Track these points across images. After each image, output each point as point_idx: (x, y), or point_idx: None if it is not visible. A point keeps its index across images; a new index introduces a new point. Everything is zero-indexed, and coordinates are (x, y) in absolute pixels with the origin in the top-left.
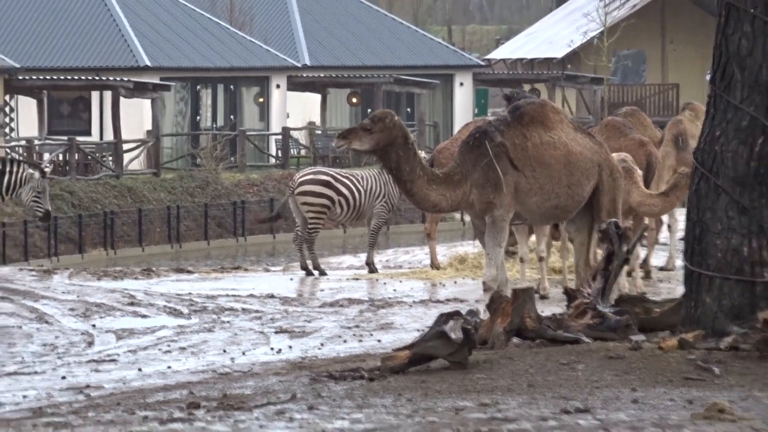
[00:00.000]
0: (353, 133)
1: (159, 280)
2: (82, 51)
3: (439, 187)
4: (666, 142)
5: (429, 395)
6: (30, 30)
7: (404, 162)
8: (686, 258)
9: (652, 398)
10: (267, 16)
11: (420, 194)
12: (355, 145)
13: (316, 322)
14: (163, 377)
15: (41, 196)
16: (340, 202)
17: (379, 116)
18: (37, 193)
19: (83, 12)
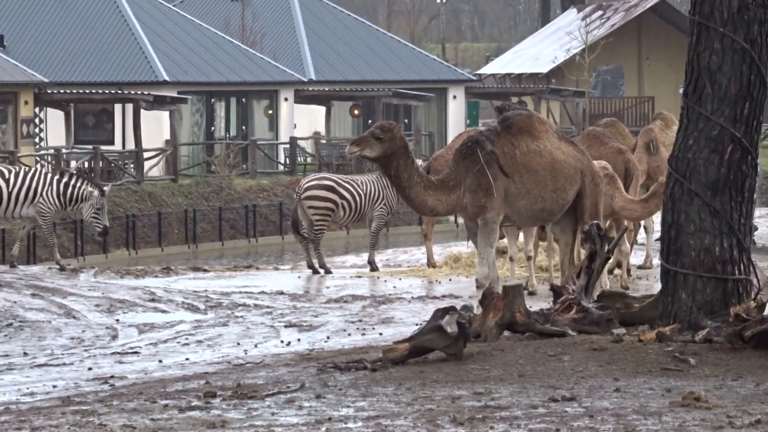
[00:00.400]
0: (365, 141)
1: (177, 278)
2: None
3: (435, 192)
4: (639, 149)
5: (427, 385)
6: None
7: (403, 170)
8: (662, 257)
9: (633, 387)
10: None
11: (418, 199)
12: (366, 152)
13: (323, 317)
14: (181, 368)
15: (100, 213)
16: (343, 205)
17: (388, 127)
18: (96, 210)
19: (107, 31)
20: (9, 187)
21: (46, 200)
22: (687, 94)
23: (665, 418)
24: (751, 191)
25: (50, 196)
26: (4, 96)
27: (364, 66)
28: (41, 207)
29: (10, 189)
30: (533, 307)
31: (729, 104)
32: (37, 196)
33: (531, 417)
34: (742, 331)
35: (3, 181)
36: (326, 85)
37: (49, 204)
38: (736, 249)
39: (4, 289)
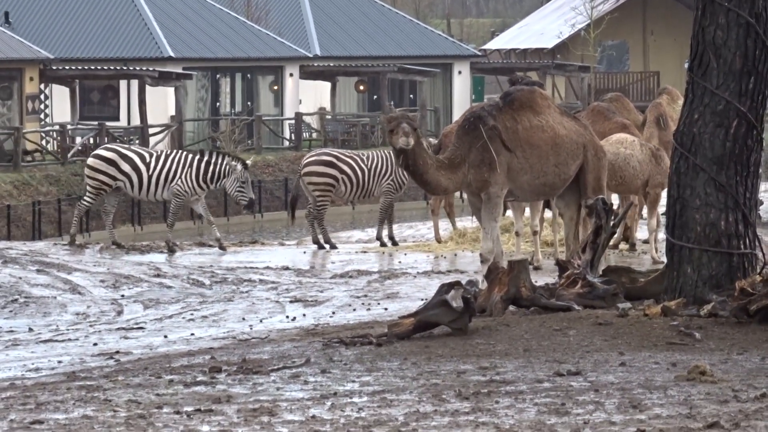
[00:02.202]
0: (409, 133)
1: (182, 253)
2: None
3: (446, 171)
4: (649, 124)
5: (432, 359)
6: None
7: (419, 156)
8: (668, 231)
9: (639, 361)
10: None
11: (433, 181)
12: (412, 142)
13: (328, 292)
14: (186, 343)
15: (245, 186)
16: (344, 180)
17: (411, 118)
18: (241, 184)
19: (112, 7)
20: (149, 170)
21: (184, 182)
22: (692, 69)
23: (670, 392)
24: (756, 165)
25: (189, 178)
26: (10, 72)
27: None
28: (177, 188)
29: (150, 172)
30: (538, 282)
31: (734, 79)
32: (176, 178)
33: (536, 391)
34: (748, 306)
35: (143, 165)
36: (331, 61)
37: (187, 186)
38: (742, 223)
39: (9, 264)
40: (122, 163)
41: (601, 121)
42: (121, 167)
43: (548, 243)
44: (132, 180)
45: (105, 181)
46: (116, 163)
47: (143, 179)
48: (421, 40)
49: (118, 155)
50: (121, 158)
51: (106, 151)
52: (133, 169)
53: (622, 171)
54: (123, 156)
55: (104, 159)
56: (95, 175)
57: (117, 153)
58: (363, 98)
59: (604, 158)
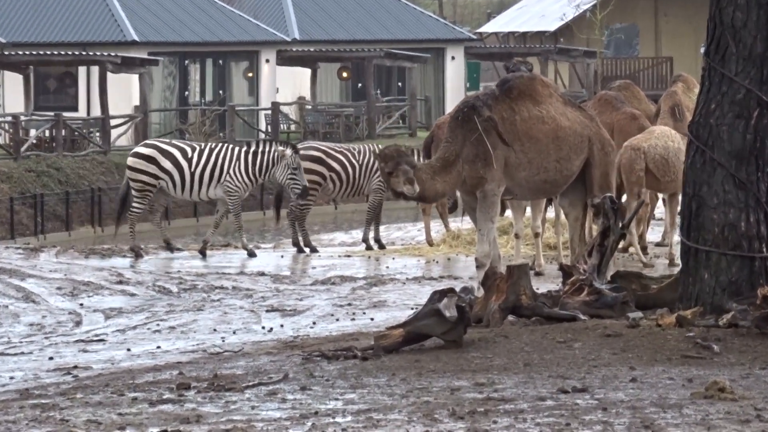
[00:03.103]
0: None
1: (148, 257)
2: (68, 26)
3: (441, 175)
4: (663, 115)
5: (423, 375)
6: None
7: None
8: (683, 233)
9: (651, 377)
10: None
11: (430, 191)
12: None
13: (308, 301)
14: (152, 357)
15: (297, 173)
16: (332, 177)
17: (407, 153)
18: (293, 171)
19: None
20: (192, 167)
21: (234, 178)
22: (709, 54)
23: (686, 410)
24: None
25: (239, 172)
26: None
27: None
28: (228, 185)
29: (193, 169)
30: (540, 289)
31: (755, 64)
32: (223, 174)
33: (538, 410)
34: None
35: (185, 161)
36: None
37: (238, 181)
38: (764, 224)
39: None
40: (163, 160)
41: (608, 112)
42: (162, 164)
43: (551, 246)
44: (174, 178)
45: (148, 182)
46: (156, 161)
47: (185, 177)
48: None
49: (158, 151)
50: (161, 154)
51: (144, 148)
52: (174, 166)
53: (675, 167)
54: (163, 152)
55: (143, 157)
56: (137, 176)
57: (156, 149)
58: (346, 86)
59: (612, 152)
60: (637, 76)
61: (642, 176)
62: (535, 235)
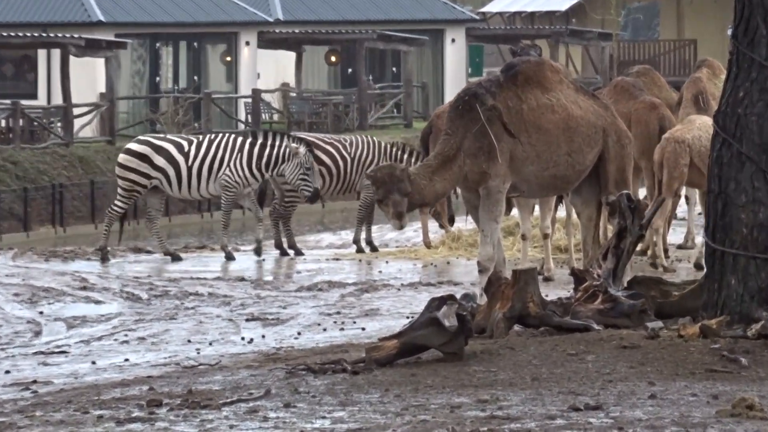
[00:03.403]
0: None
1: (114, 261)
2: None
3: (440, 173)
4: (686, 103)
5: (420, 390)
6: None
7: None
8: (707, 234)
9: (672, 393)
10: None
11: (429, 195)
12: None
13: (292, 308)
14: (119, 371)
15: (310, 173)
16: (321, 172)
17: (399, 176)
18: (305, 170)
19: None
20: (189, 161)
21: (234, 172)
22: (736, 37)
23: (711, 430)
24: None
25: (240, 166)
26: None
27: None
28: (227, 180)
29: (191, 163)
30: (550, 296)
31: None
32: (223, 167)
33: (547, 430)
34: None
35: (181, 156)
36: (296, 27)
37: (237, 176)
38: None
39: None
40: (156, 157)
41: (625, 100)
42: (155, 162)
43: (561, 248)
44: (168, 175)
45: (138, 181)
46: (149, 158)
47: (182, 173)
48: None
49: (152, 148)
50: (155, 151)
51: (138, 145)
52: (168, 162)
53: None
54: (157, 148)
55: (136, 154)
56: (126, 174)
57: (150, 146)
58: (335, 72)
59: (628, 145)
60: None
61: (685, 172)
62: (544, 236)
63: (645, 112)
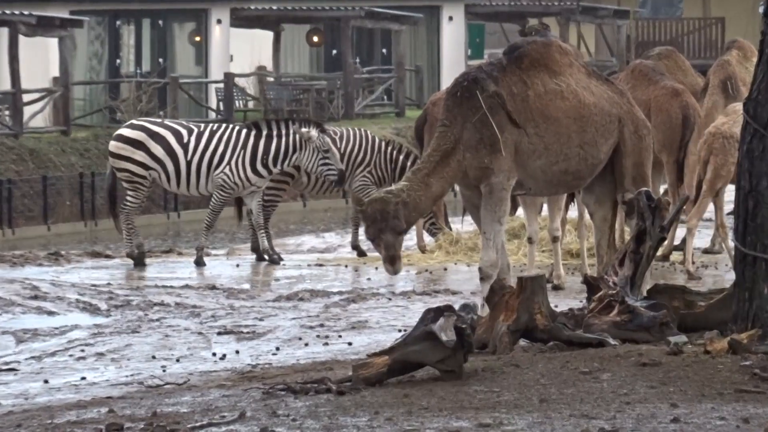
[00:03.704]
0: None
1: (70, 267)
2: None
3: (437, 173)
4: (712, 90)
5: (414, 413)
6: None
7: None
8: (737, 238)
9: (698, 416)
10: None
11: (427, 203)
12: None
13: (270, 321)
14: (75, 391)
15: (329, 155)
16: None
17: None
18: (323, 154)
19: None
20: (188, 155)
21: (235, 170)
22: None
23: None
24: None
25: (241, 164)
26: None
27: None
28: (225, 178)
29: (190, 157)
30: (560, 307)
31: None
32: (222, 164)
33: None
34: None
35: (180, 147)
36: (274, 2)
37: (237, 176)
38: None
39: None
40: (153, 146)
41: (644, 86)
42: (152, 151)
43: (573, 253)
44: (167, 168)
45: (136, 172)
46: (145, 146)
47: (180, 167)
48: None
49: (147, 134)
50: (151, 137)
51: (130, 130)
52: (167, 154)
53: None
54: (153, 135)
55: (128, 141)
56: (122, 164)
57: (145, 131)
58: (317, 54)
59: (647, 136)
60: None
61: (732, 170)
62: (553, 239)
63: (666, 100)
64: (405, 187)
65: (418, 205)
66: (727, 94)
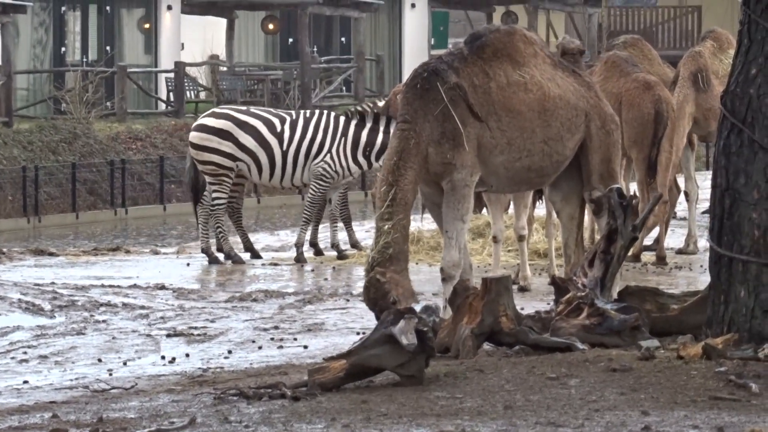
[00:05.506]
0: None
1: (12, 265)
2: None
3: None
4: (682, 82)
5: (372, 420)
6: None
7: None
8: (713, 238)
9: (670, 424)
10: None
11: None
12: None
13: (222, 322)
14: (17, 395)
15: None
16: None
17: (402, 285)
18: None
19: None
20: (284, 145)
21: (336, 158)
22: (749, 3)
23: None
24: None
25: (343, 151)
26: None
27: None
28: (325, 169)
29: (285, 147)
30: (526, 309)
31: None
32: (323, 152)
33: None
34: None
35: (274, 137)
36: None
37: (339, 163)
38: None
39: None
40: (242, 135)
41: (615, 78)
42: (241, 141)
43: (540, 253)
44: (259, 160)
45: (223, 164)
46: (233, 136)
47: (275, 158)
48: None
49: (235, 123)
50: (239, 127)
51: (215, 119)
52: (259, 144)
53: None
54: (242, 124)
55: (214, 131)
56: (207, 156)
57: (232, 120)
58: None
59: (615, 132)
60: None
61: None
62: (519, 238)
63: (638, 93)
64: (387, 242)
65: (404, 240)
66: (697, 87)
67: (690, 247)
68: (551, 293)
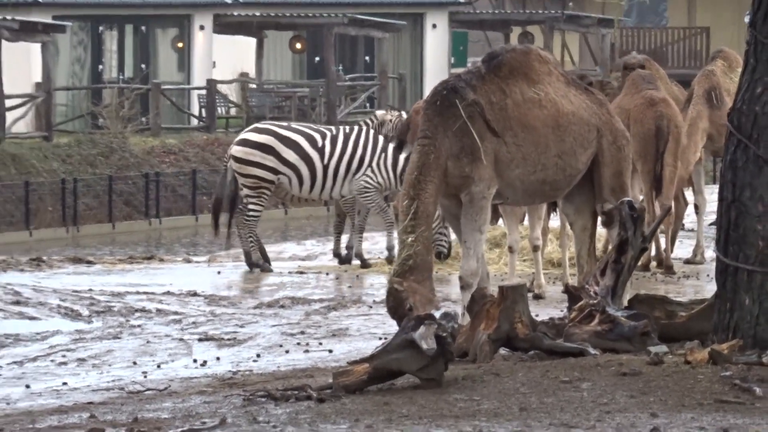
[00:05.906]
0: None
1: (51, 272)
2: None
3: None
4: (696, 100)
5: (394, 421)
6: None
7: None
8: (719, 248)
9: (677, 426)
10: None
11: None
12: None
13: (251, 327)
14: (57, 396)
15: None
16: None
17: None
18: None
19: None
20: (324, 159)
21: (377, 172)
22: (755, 25)
23: None
24: None
25: (383, 166)
26: None
27: None
28: (368, 182)
29: (326, 161)
30: (540, 316)
31: None
32: (363, 167)
33: None
34: None
35: (315, 152)
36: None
37: (380, 177)
38: None
39: None
40: (284, 150)
41: (630, 95)
42: (284, 156)
43: (554, 262)
44: (300, 173)
45: (265, 178)
46: (275, 150)
47: (316, 171)
48: None
49: (277, 138)
50: (281, 142)
51: (258, 135)
52: (301, 158)
53: None
54: (283, 139)
55: (257, 146)
56: (250, 170)
57: (275, 135)
58: (300, 60)
59: (626, 147)
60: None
61: None
62: (534, 248)
63: (642, 110)
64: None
65: (427, 251)
66: (711, 104)
67: (697, 257)
68: (564, 301)
